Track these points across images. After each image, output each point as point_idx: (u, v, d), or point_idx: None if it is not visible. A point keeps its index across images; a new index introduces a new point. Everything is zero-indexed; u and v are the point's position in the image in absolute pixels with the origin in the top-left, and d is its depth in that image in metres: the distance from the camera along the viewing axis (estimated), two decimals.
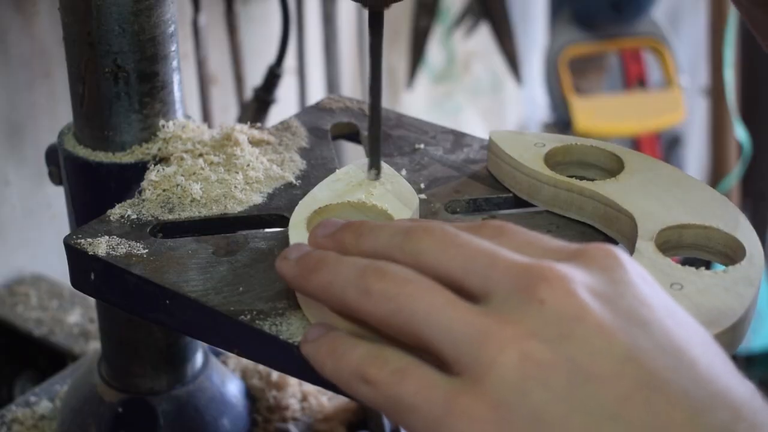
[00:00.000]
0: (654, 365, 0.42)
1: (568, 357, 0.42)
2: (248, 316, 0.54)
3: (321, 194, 0.61)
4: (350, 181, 0.63)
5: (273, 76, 1.10)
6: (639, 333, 0.43)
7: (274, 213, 0.63)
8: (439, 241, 0.47)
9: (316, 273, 0.49)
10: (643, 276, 0.46)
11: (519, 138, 0.66)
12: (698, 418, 0.41)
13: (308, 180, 0.66)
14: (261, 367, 0.86)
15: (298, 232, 0.57)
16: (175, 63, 0.68)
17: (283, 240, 0.59)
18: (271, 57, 1.09)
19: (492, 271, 0.45)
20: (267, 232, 0.61)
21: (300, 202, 0.61)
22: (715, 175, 2.07)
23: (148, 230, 0.61)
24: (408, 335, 0.46)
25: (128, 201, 0.63)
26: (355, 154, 1.38)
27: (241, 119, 1.13)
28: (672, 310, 0.45)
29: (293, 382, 0.85)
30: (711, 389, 0.42)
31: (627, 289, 0.45)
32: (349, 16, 1.59)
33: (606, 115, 1.85)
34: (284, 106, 1.26)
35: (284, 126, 0.72)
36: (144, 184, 0.64)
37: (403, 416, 0.45)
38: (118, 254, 0.58)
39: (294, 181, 0.66)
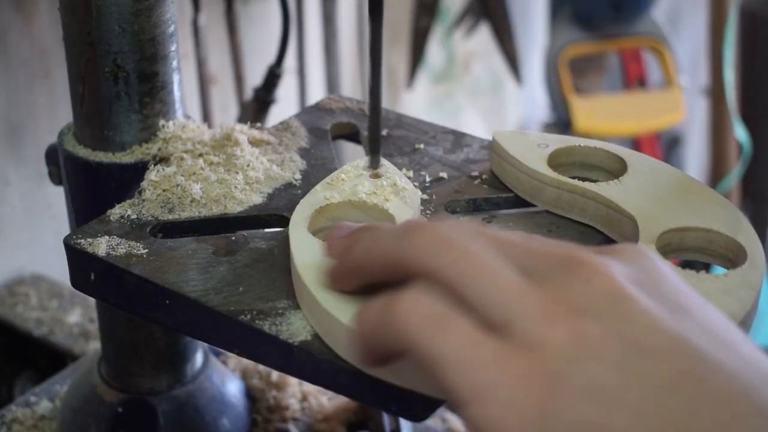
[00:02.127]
0: (704, 346, 0.42)
1: (620, 332, 0.42)
2: (248, 316, 0.54)
3: (322, 193, 0.61)
4: (351, 180, 0.63)
5: (273, 76, 1.10)
6: (683, 317, 0.43)
7: (274, 213, 0.63)
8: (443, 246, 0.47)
9: (356, 244, 0.50)
10: (671, 268, 0.47)
11: (522, 138, 0.66)
12: (754, 394, 0.41)
13: (308, 180, 0.66)
14: (261, 367, 0.86)
15: (298, 231, 0.57)
16: (175, 63, 0.68)
17: (284, 240, 0.59)
18: (271, 57, 1.09)
19: (529, 257, 0.45)
20: (267, 232, 0.61)
21: (301, 201, 0.61)
22: (715, 175, 2.07)
23: (148, 230, 0.61)
24: (456, 293, 0.45)
25: (128, 201, 0.63)
26: (355, 154, 1.38)
27: (241, 119, 1.13)
28: (703, 300, 0.45)
29: (293, 382, 0.85)
30: (759, 368, 0.42)
31: (661, 278, 0.45)
32: (349, 16, 1.59)
33: (606, 115, 1.85)
34: (284, 106, 1.26)
35: (284, 126, 0.72)
36: (144, 184, 0.64)
37: (443, 369, 0.43)
38: (118, 254, 0.58)
39: (294, 181, 0.66)
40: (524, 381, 0.42)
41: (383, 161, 0.64)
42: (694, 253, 0.59)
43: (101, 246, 0.59)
